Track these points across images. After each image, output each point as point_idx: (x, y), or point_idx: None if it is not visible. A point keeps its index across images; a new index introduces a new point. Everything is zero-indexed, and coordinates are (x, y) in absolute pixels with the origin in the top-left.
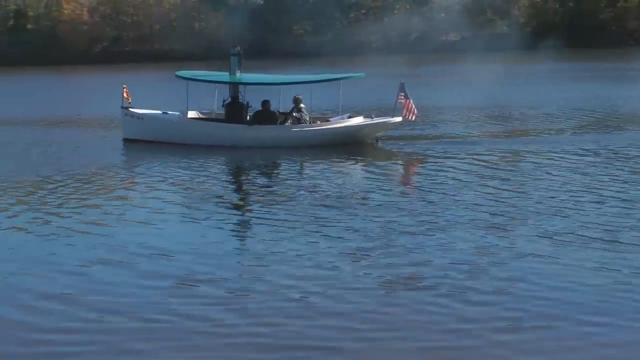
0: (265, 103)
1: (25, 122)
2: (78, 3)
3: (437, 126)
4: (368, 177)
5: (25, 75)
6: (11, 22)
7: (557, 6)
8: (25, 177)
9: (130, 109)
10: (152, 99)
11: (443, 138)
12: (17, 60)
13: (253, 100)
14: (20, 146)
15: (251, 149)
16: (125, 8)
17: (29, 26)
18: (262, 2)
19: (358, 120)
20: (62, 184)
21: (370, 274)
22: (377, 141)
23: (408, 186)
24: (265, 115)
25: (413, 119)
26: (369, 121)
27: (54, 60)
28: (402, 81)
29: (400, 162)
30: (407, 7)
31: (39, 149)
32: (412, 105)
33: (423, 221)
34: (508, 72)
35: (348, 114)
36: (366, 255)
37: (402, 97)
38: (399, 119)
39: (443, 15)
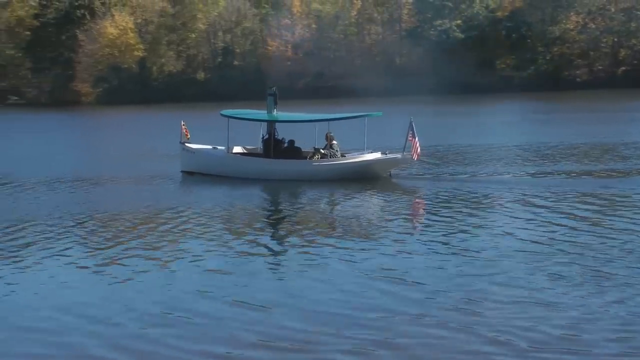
0: (291, 140)
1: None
2: (282, 40)
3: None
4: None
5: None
6: (219, 59)
7: None
8: (125, 208)
9: (187, 144)
10: (345, 132)
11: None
12: (225, 96)
13: (297, 137)
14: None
15: (281, 181)
16: (327, 44)
17: (236, 63)
18: (462, 37)
19: (373, 156)
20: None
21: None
22: (390, 175)
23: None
24: (291, 151)
25: (415, 158)
26: (379, 157)
27: (258, 96)
28: (412, 120)
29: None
30: (615, 39)
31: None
32: (417, 145)
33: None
34: None
35: (370, 150)
36: (473, 309)
37: (411, 136)
38: (408, 156)
39: None
